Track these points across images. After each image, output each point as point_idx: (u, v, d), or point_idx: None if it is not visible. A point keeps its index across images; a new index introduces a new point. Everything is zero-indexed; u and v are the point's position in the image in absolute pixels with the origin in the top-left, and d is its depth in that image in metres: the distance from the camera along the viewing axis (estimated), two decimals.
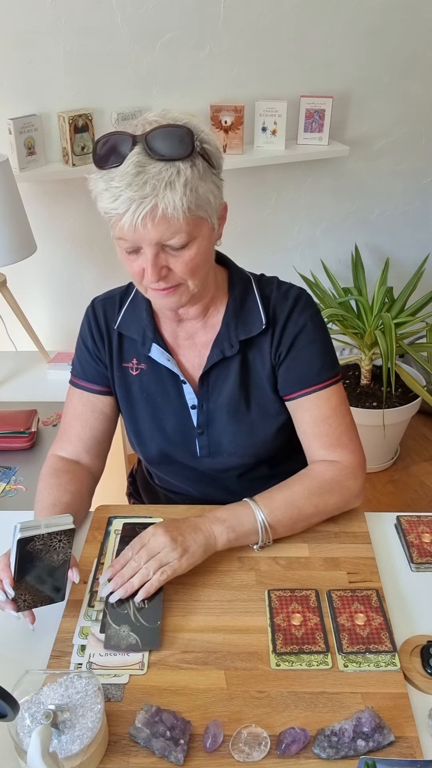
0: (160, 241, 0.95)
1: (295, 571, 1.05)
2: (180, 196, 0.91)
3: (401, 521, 1.14)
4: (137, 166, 0.91)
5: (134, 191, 0.90)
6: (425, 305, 2.49)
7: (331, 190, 2.54)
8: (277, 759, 0.80)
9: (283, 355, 1.13)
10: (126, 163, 0.91)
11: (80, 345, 1.22)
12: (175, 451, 1.19)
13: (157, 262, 0.97)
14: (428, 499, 2.51)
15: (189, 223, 0.95)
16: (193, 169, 0.93)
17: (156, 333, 1.15)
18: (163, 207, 0.91)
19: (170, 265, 0.98)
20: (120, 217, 0.93)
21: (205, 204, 0.96)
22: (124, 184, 0.91)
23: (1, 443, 1.43)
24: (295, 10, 2.14)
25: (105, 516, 1.16)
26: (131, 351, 1.18)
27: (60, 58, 1.98)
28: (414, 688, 0.88)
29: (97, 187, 0.96)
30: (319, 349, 1.13)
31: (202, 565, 1.05)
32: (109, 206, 0.93)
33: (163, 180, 0.90)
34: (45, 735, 0.71)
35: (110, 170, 0.93)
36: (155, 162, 0.91)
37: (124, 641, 0.93)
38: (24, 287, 2.22)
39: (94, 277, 2.39)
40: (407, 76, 2.40)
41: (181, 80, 2.13)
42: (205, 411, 1.16)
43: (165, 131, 0.92)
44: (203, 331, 1.15)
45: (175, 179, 0.91)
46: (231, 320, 1.12)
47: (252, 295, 1.14)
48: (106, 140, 0.94)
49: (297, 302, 1.13)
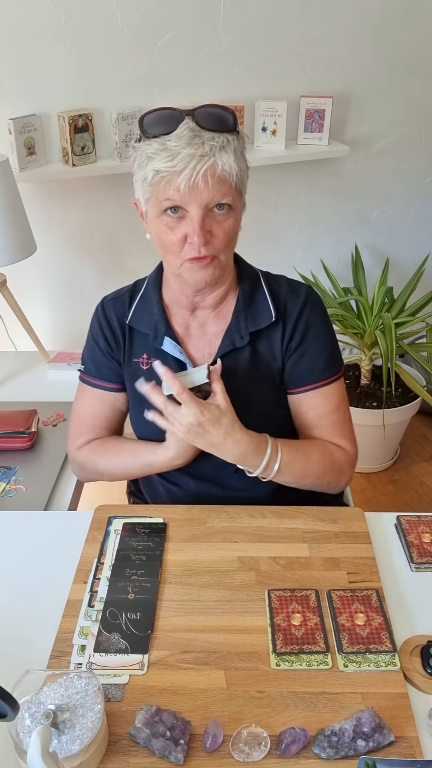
0: (209, 203, 1.00)
1: (295, 571, 1.05)
2: (234, 160, 0.99)
3: (401, 521, 1.14)
4: (192, 131, 0.98)
5: (194, 149, 0.97)
6: (425, 305, 2.49)
7: (331, 190, 2.54)
8: (277, 759, 0.80)
9: (293, 349, 1.16)
10: (180, 129, 0.98)
11: (92, 344, 1.24)
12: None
13: (203, 225, 1.01)
14: (428, 499, 2.51)
15: (236, 189, 1.02)
16: (238, 142, 1.02)
17: (167, 326, 1.17)
18: (222, 165, 0.98)
19: (213, 230, 1.03)
20: (177, 175, 0.97)
21: (245, 178, 1.05)
22: (183, 143, 0.97)
23: (1, 443, 1.43)
24: (295, 10, 2.15)
25: (105, 516, 1.16)
26: (141, 346, 1.20)
27: (60, 58, 1.98)
28: (414, 688, 0.88)
29: (149, 149, 1.00)
30: (327, 345, 1.18)
31: (202, 565, 1.06)
32: (166, 165, 0.98)
33: (218, 143, 0.98)
34: (45, 735, 0.71)
35: (163, 136, 0.99)
36: (206, 131, 0.98)
37: (114, 646, 0.93)
38: (24, 287, 2.22)
39: (94, 277, 2.39)
40: (407, 76, 2.40)
41: (181, 80, 2.13)
42: None
43: (211, 109, 1.00)
44: (214, 320, 1.18)
45: (227, 145, 0.99)
46: (241, 312, 1.16)
47: (260, 289, 1.18)
48: (154, 114, 1.01)
49: (308, 299, 1.18)
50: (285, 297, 1.17)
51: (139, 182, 1.05)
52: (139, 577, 1.04)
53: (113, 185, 2.23)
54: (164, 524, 1.14)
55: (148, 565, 1.06)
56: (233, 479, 1.21)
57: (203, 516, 1.16)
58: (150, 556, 1.08)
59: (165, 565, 1.06)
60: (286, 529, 1.13)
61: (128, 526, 1.14)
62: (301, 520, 1.15)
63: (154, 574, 1.04)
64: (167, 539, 1.11)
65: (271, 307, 1.16)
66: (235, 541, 1.11)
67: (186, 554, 1.08)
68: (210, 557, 1.08)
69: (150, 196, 1.03)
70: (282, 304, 1.17)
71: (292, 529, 1.13)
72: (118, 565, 1.06)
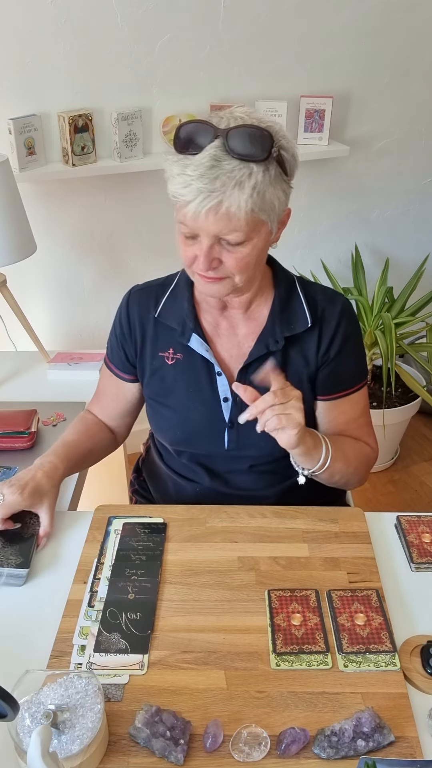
0: (217, 235, 0.99)
1: (295, 571, 1.05)
2: (246, 198, 0.95)
3: (401, 521, 1.14)
4: (213, 159, 0.95)
5: (204, 183, 0.94)
6: (425, 305, 2.49)
7: (331, 190, 2.54)
8: (277, 759, 0.80)
9: (331, 357, 1.17)
10: (203, 154, 0.96)
11: (112, 331, 1.28)
12: (202, 443, 1.21)
13: (210, 253, 1.00)
14: (428, 499, 2.51)
15: (248, 224, 0.98)
16: (266, 173, 0.96)
17: (196, 323, 1.17)
18: (228, 204, 0.95)
19: (222, 258, 1.02)
20: (186, 204, 0.97)
21: (268, 209, 0.99)
22: (196, 174, 0.95)
23: (1, 443, 1.43)
24: (295, 10, 2.14)
25: (105, 516, 1.16)
26: (168, 340, 1.20)
27: (60, 58, 1.98)
28: (414, 688, 0.88)
29: (171, 170, 1.00)
30: (360, 355, 1.23)
31: (202, 565, 1.06)
32: (179, 191, 0.98)
33: (233, 179, 0.94)
34: (45, 735, 0.71)
35: (187, 156, 0.98)
36: (231, 159, 0.95)
37: (114, 646, 0.93)
38: (24, 287, 2.22)
39: (94, 277, 2.39)
40: (407, 76, 2.40)
41: (181, 80, 2.13)
42: (239, 404, 1.17)
43: (246, 131, 0.95)
44: (245, 323, 1.18)
45: (245, 180, 0.94)
46: (276, 317, 1.16)
47: (296, 294, 1.18)
48: (189, 126, 0.98)
49: (346, 309, 1.19)
50: (322, 304, 1.17)
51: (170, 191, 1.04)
52: (139, 577, 1.04)
53: (113, 185, 2.23)
54: (164, 524, 1.14)
55: (148, 565, 1.06)
56: (244, 480, 1.22)
57: (203, 516, 1.16)
58: (150, 556, 1.08)
59: (165, 565, 1.06)
60: (286, 529, 1.13)
61: (128, 526, 1.14)
62: (301, 520, 1.15)
63: (154, 574, 1.04)
64: (167, 539, 1.11)
65: (307, 313, 1.15)
66: (235, 541, 1.11)
67: (186, 554, 1.08)
68: (210, 557, 1.08)
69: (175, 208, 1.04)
70: (319, 311, 1.16)
71: (292, 529, 1.13)
72: (118, 565, 1.06)
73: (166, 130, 2.16)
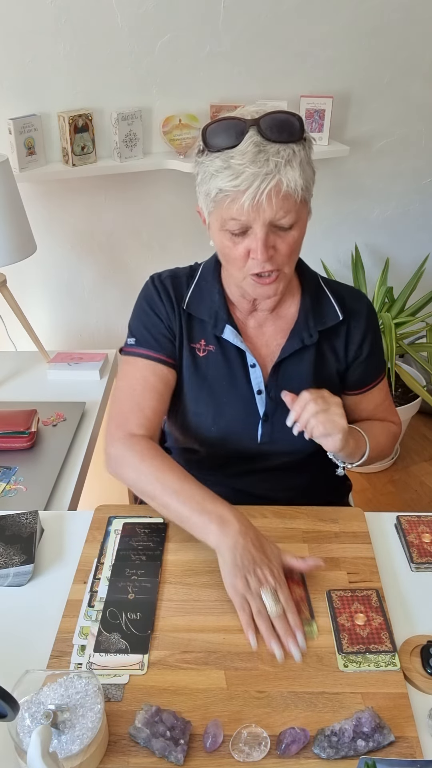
0: (273, 220, 0.98)
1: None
2: (299, 174, 0.96)
3: (401, 521, 1.14)
4: (256, 145, 0.95)
5: (258, 167, 0.94)
6: (425, 305, 2.49)
7: (331, 190, 2.54)
8: (277, 759, 0.80)
9: (362, 354, 1.22)
10: (245, 143, 0.95)
11: (148, 312, 1.18)
12: (234, 436, 1.20)
13: (267, 242, 1.00)
14: (428, 499, 2.51)
15: (300, 203, 1.00)
16: (304, 152, 0.98)
17: (229, 315, 1.17)
18: (286, 182, 0.95)
19: (277, 245, 1.02)
20: (241, 195, 0.96)
21: (311, 186, 1.02)
22: (247, 161, 0.94)
23: (1, 443, 1.43)
24: (295, 10, 2.14)
25: (105, 516, 1.16)
26: (200, 332, 1.19)
27: (60, 58, 1.98)
28: (414, 688, 0.88)
29: (212, 166, 0.98)
30: (382, 349, 1.29)
31: (202, 564, 1.06)
32: (229, 184, 0.96)
33: (283, 158, 0.95)
34: (45, 735, 0.71)
35: (227, 150, 0.96)
36: (271, 143, 0.95)
37: (114, 646, 0.93)
38: (24, 287, 2.22)
39: (94, 277, 2.39)
40: (407, 76, 2.40)
41: (181, 80, 2.13)
42: (273, 398, 1.18)
43: (277, 117, 0.96)
44: (272, 321, 1.20)
45: (292, 158, 0.96)
46: (309, 311, 1.18)
47: (322, 290, 1.21)
48: (217, 125, 0.98)
49: (370, 306, 1.24)
50: (349, 300, 1.21)
51: (203, 195, 1.03)
52: (139, 577, 1.04)
53: (113, 185, 2.23)
54: (164, 524, 1.14)
55: (148, 565, 1.06)
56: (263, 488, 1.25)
57: None
58: (150, 556, 1.08)
59: (165, 565, 1.06)
60: (286, 529, 1.13)
61: (128, 526, 1.14)
62: (301, 520, 1.15)
63: (154, 574, 1.04)
64: (167, 539, 1.11)
65: (337, 307, 1.19)
66: None
67: (186, 554, 1.08)
68: (210, 557, 1.07)
69: (213, 210, 1.02)
70: (347, 305, 1.20)
71: (292, 529, 1.13)
72: (118, 565, 1.06)
73: (166, 130, 2.16)
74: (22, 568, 1.04)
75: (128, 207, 2.30)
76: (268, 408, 1.19)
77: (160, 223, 2.35)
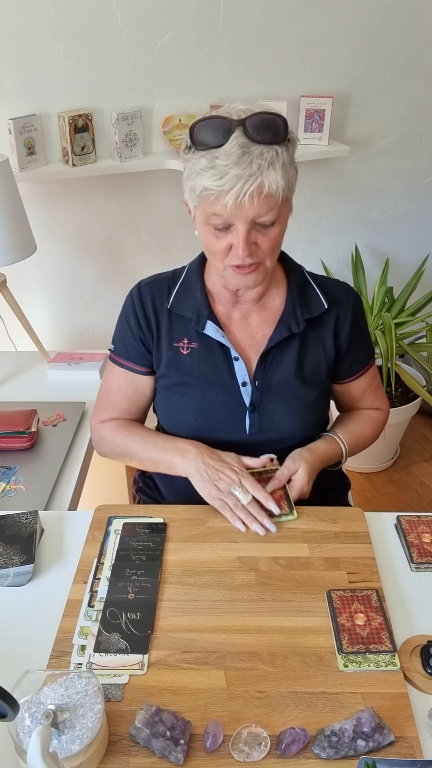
0: (255, 218, 1.02)
1: (295, 571, 1.05)
2: (281, 176, 1.00)
3: (401, 521, 1.14)
4: (241, 146, 0.98)
5: (242, 169, 0.97)
6: (425, 305, 2.49)
7: (331, 190, 2.54)
8: (277, 759, 0.80)
9: (351, 344, 1.25)
10: (231, 143, 0.98)
11: (124, 325, 1.26)
12: (223, 428, 1.22)
13: (248, 238, 1.03)
14: (428, 499, 2.51)
15: (282, 201, 1.03)
16: (286, 153, 1.02)
17: (210, 311, 1.20)
18: (269, 184, 0.99)
19: (258, 241, 1.05)
20: (224, 194, 0.99)
21: (293, 184, 1.06)
22: (231, 162, 0.97)
23: (1, 443, 1.43)
24: (295, 10, 2.14)
25: (105, 516, 1.16)
26: (182, 330, 1.22)
27: (60, 58, 1.98)
28: (414, 688, 0.88)
29: (198, 165, 1.01)
30: (369, 337, 1.32)
31: (202, 565, 1.06)
32: (214, 183, 0.99)
33: (266, 160, 0.98)
34: (45, 735, 0.71)
35: (212, 150, 0.99)
36: (256, 144, 0.98)
37: (114, 646, 0.93)
38: (24, 287, 2.22)
39: (94, 277, 2.39)
40: (407, 76, 2.40)
41: (181, 80, 2.13)
42: (259, 388, 1.21)
43: (263, 118, 1.00)
44: (257, 312, 1.22)
45: (275, 160, 0.99)
46: (296, 300, 1.21)
47: (308, 282, 1.24)
48: (204, 123, 1.01)
49: (356, 297, 1.26)
50: (334, 289, 1.24)
51: (189, 190, 1.07)
52: (139, 577, 1.04)
53: (113, 185, 2.23)
54: (164, 524, 1.14)
55: (148, 565, 1.06)
56: None
57: (203, 516, 1.16)
58: (150, 556, 1.08)
59: (165, 565, 1.06)
60: (286, 529, 1.13)
61: (128, 526, 1.14)
62: (301, 520, 1.15)
63: (154, 574, 1.04)
64: (167, 539, 1.11)
65: (322, 297, 1.21)
66: (235, 541, 1.11)
67: (186, 554, 1.08)
68: (210, 557, 1.08)
69: (198, 205, 1.06)
70: (332, 295, 1.23)
71: (292, 529, 1.13)
72: (118, 565, 1.06)
73: (166, 130, 2.16)
74: (22, 568, 1.04)
75: (128, 207, 2.30)
76: (254, 398, 1.21)
77: (160, 223, 2.35)
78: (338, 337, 1.24)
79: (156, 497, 1.41)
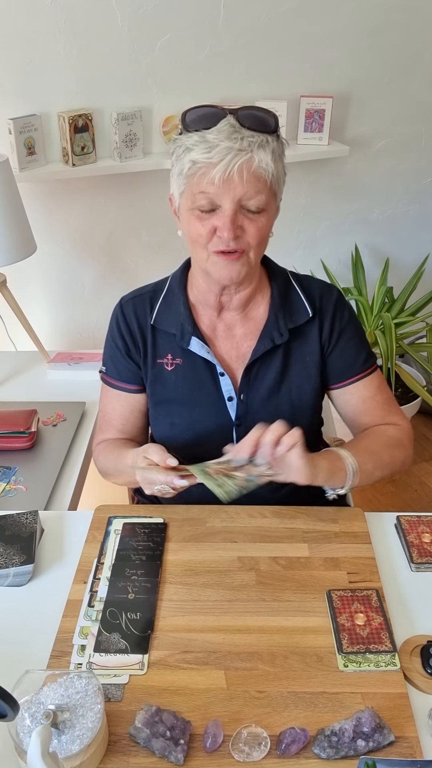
0: (242, 199, 1.00)
1: (295, 571, 1.05)
2: (271, 158, 1.00)
3: (401, 521, 1.14)
4: (231, 127, 0.99)
5: (233, 143, 0.97)
6: (425, 305, 2.49)
7: (331, 190, 2.54)
8: (277, 759, 0.80)
9: (333, 344, 1.21)
10: (221, 124, 0.99)
11: (111, 345, 1.25)
12: (211, 442, 1.19)
13: (234, 220, 1.01)
14: (428, 499, 2.51)
15: (270, 190, 1.02)
16: (277, 143, 1.02)
17: (194, 326, 1.18)
18: (258, 160, 0.98)
19: (244, 225, 1.03)
20: (213, 167, 0.98)
21: (281, 181, 1.05)
22: (222, 137, 0.98)
23: (1, 443, 1.43)
24: (295, 10, 2.15)
25: (105, 516, 1.16)
26: (166, 346, 1.20)
27: (60, 58, 1.98)
28: (414, 688, 0.88)
29: (189, 141, 1.01)
30: (362, 339, 1.25)
31: (202, 565, 1.06)
32: (203, 156, 0.99)
33: (256, 141, 0.99)
34: (45, 735, 0.71)
35: (204, 131, 1.00)
36: (246, 129, 0.99)
37: (114, 646, 0.93)
38: (24, 287, 2.22)
39: (94, 277, 2.39)
40: (407, 76, 2.40)
41: (181, 80, 2.13)
42: (244, 402, 1.19)
43: (254, 111, 1.01)
44: (242, 323, 1.20)
45: (266, 144, 1.00)
46: (278, 310, 1.18)
47: (292, 287, 1.21)
48: (197, 109, 1.02)
49: (340, 297, 1.23)
50: (319, 294, 1.20)
51: (176, 176, 1.06)
52: (139, 577, 1.04)
53: (113, 185, 2.23)
54: (164, 524, 1.14)
55: (148, 565, 1.06)
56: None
57: (203, 516, 1.16)
58: (150, 556, 1.08)
59: (165, 565, 1.06)
60: (286, 529, 1.13)
61: (128, 526, 1.14)
62: (301, 520, 1.15)
63: (154, 574, 1.04)
64: (167, 539, 1.11)
65: (307, 304, 1.18)
66: (235, 541, 1.11)
67: (186, 554, 1.08)
68: (210, 557, 1.08)
69: (185, 188, 1.04)
70: (316, 301, 1.20)
71: (292, 529, 1.13)
72: (118, 565, 1.06)
73: (166, 130, 2.16)
74: (22, 568, 1.04)
75: (128, 207, 2.30)
76: (240, 413, 1.19)
77: (160, 223, 2.34)
78: (322, 339, 1.20)
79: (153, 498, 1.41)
